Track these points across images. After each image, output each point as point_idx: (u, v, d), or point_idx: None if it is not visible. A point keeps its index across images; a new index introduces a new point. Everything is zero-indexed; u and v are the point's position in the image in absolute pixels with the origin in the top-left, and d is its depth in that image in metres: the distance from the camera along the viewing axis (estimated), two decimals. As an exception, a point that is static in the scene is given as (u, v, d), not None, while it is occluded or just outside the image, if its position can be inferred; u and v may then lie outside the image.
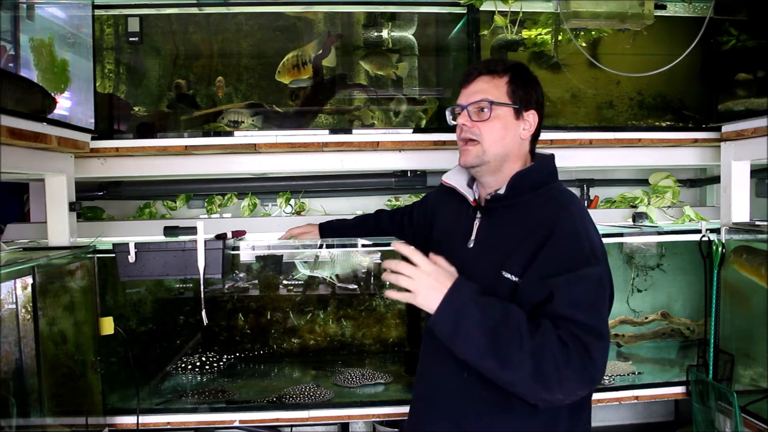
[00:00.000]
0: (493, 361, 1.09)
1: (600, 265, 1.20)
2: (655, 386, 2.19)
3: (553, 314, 1.13)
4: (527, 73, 1.37)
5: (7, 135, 1.47)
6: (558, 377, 1.07)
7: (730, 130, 2.14)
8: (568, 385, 1.09)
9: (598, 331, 1.12)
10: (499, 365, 1.09)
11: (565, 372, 1.07)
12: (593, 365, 1.09)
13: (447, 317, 1.11)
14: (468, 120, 1.34)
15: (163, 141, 2.12)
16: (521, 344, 1.08)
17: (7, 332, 1.59)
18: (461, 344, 1.11)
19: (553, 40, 2.34)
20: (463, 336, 1.10)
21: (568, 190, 1.35)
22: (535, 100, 1.36)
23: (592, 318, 1.13)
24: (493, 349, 1.08)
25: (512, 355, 1.07)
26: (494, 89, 1.33)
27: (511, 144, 1.34)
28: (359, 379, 2.23)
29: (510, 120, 1.33)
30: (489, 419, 1.27)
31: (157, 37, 2.38)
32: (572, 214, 1.25)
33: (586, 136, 2.21)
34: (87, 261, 1.90)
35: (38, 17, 1.82)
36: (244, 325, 2.55)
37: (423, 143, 2.17)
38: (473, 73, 1.36)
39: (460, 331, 1.10)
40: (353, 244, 2.06)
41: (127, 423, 1.96)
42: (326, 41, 2.39)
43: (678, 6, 2.31)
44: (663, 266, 2.62)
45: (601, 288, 1.19)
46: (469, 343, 1.10)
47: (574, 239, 1.21)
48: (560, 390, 1.09)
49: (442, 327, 1.12)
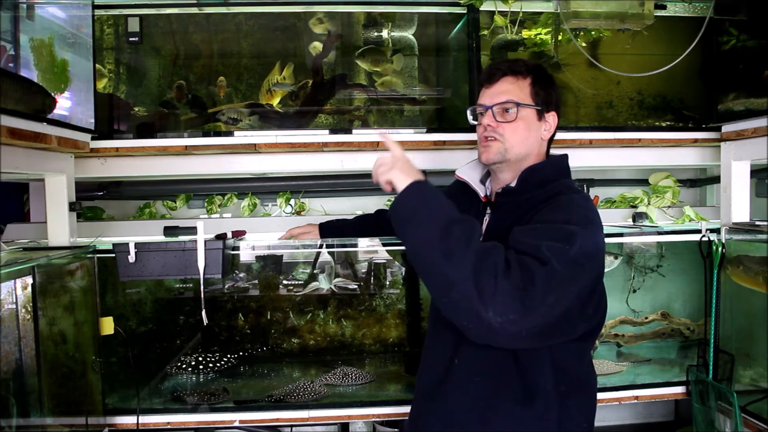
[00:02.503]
0: (438, 251, 1.08)
1: (584, 231, 1.15)
2: (655, 386, 2.19)
3: (514, 247, 1.13)
4: (547, 74, 1.39)
5: (7, 135, 1.47)
6: (494, 286, 1.04)
7: (730, 130, 2.13)
8: (502, 300, 1.03)
9: (548, 261, 1.08)
10: (443, 256, 1.07)
11: (503, 284, 1.04)
12: (533, 290, 1.05)
13: (409, 200, 1.18)
14: (493, 120, 1.34)
15: (163, 141, 2.11)
16: (468, 245, 1.08)
17: (7, 332, 1.59)
18: (414, 227, 1.13)
19: (553, 40, 2.34)
20: (418, 220, 1.13)
21: (577, 187, 1.36)
22: (555, 100, 1.38)
23: (548, 253, 1.08)
24: (441, 238, 1.09)
25: (457, 250, 1.07)
26: (519, 90, 1.34)
27: (533, 144, 1.36)
28: (342, 379, 2.24)
29: (533, 121, 1.35)
30: (489, 416, 1.28)
31: (157, 37, 2.38)
32: (571, 197, 1.26)
33: (586, 136, 2.21)
34: (87, 261, 1.89)
35: (38, 17, 1.81)
36: (244, 325, 2.55)
37: (423, 143, 2.17)
38: (497, 73, 1.36)
39: (418, 214, 1.14)
40: (353, 244, 2.06)
41: (127, 423, 1.96)
42: (326, 41, 2.39)
43: (678, 6, 2.31)
44: (662, 268, 2.62)
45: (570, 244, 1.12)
46: (420, 228, 1.12)
47: (566, 210, 1.21)
48: (492, 303, 1.03)
49: (402, 208, 1.18)
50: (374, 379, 2.27)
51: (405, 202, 1.19)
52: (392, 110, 2.50)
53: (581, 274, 1.14)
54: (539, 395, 1.25)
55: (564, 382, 1.28)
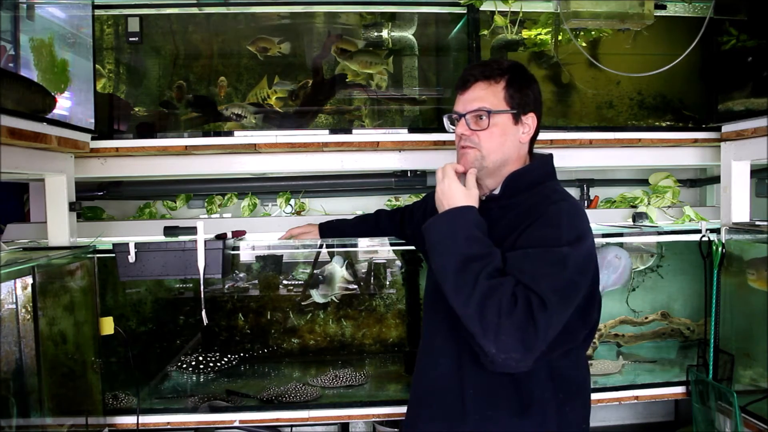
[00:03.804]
0: (451, 285, 1.15)
1: (575, 250, 1.18)
2: (655, 386, 2.19)
3: (517, 277, 1.14)
4: (524, 73, 1.35)
5: (7, 135, 1.47)
6: (497, 326, 1.08)
7: (730, 130, 2.13)
8: (504, 339, 1.08)
9: (548, 302, 1.10)
10: (453, 289, 1.14)
11: (506, 324, 1.08)
12: (534, 332, 1.08)
13: (437, 230, 1.23)
14: (466, 129, 1.32)
15: (163, 141, 2.11)
16: (476, 283, 1.11)
17: (7, 332, 1.59)
18: (437, 255, 1.21)
19: (553, 40, 2.34)
20: (440, 249, 1.20)
21: (563, 190, 1.34)
22: (533, 100, 1.34)
23: (548, 291, 1.11)
24: (456, 272, 1.15)
25: (466, 288, 1.12)
26: (491, 96, 1.31)
27: (511, 149, 1.33)
28: (332, 381, 2.23)
29: (509, 126, 1.32)
30: (487, 419, 1.27)
31: (157, 37, 2.38)
32: (560, 207, 1.25)
33: (586, 136, 2.21)
34: (87, 261, 1.90)
35: (38, 17, 1.81)
36: (244, 325, 2.55)
37: (423, 143, 2.17)
38: (470, 79, 1.33)
39: (442, 243, 1.20)
40: (353, 244, 2.06)
41: (127, 423, 1.96)
42: (326, 41, 2.39)
43: (678, 6, 2.31)
44: (662, 268, 2.62)
45: (567, 269, 1.16)
46: (442, 258, 1.19)
47: (555, 225, 1.21)
48: (496, 340, 1.08)
49: (429, 235, 1.23)
50: (367, 381, 2.26)
51: (434, 228, 1.24)
52: (392, 110, 2.50)
53: (578, 291, 1.19)
54: (537, 404, 1.25)
55: (562, 389, 1.28)
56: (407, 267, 2.55)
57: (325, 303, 2.51)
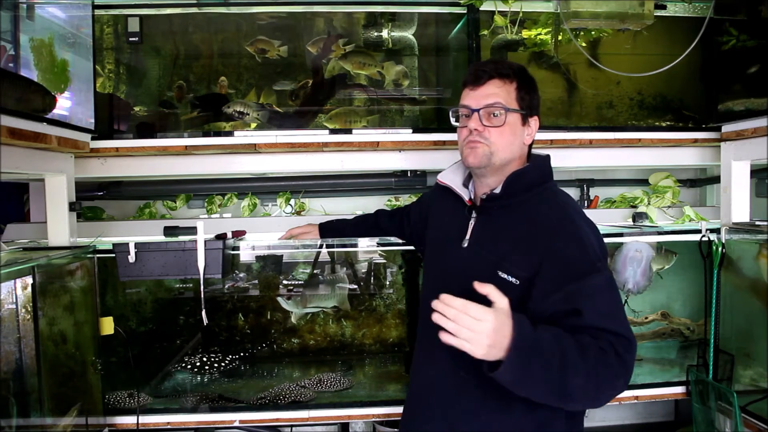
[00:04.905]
0: (555, 398, 1.13)
1: (607, 268, 1.23)
2: (655, 386, 2.19)
3: (588, 327, 1.15)
4: (530, 77, 1.38)
5: (7, 135, 1.47)
6: (613, 389, 1.14)
7: (730, 130, 2.13)
8: (611, 394, 1.15)
9: (628, 338, 1.16)
10: (561, 400, 1.13)
11: (616, 384, 1.14)
12: (626, 372, 1.14)
13: (509, 375, 1.08)
14: (479, 124, 1.31)
15: (163, 141, 2.11)
16: (576, 372, 1.09)
17: (7, 332, 1.59)
18: (524, 393, 1.12)
19: (553, 40, 2.34)
20: (526, 389, 1.12)
21: (562, 191, 1.36)
22: (537, 105, 1.38)
23: (621, 325, 1.17)
24: (554, 391, 1.11)
25: (574, 391, 1.11)
26: (506, 94, 1.31)
27: (516, 149, 1.34)
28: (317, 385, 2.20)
29: (518, 126, 1.33)
30: (485, 418, 1.27)
31: (157, 37, 2.38)
32: (571, 219, 1.25)
33: (586, 136, 2.21)
34: (87, 261, 1.90)
35: (38, 17, 1.81)
36: (244, 325, 2.55)
37: (423, 143, 2.17)
38: (483, 75, 1.32)
39: (523, 385, 1.11)
40: (353, 244, 2.06)
41: (127, 423, 1.96)
42: (326, 41, 2.39)
43: (678, 6, 2.31)
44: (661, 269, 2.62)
45: (615, 291, 1.22)
46: (531, 392, 1.12)
47: (579, 245, 1.21)
48: (605, 401, 1.16)
49: (503, 379, 1.09)
50: (351, 387, 2.22)
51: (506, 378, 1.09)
52: (392, 110, 2.50)
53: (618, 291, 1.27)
54: (539, 403, 1.24)
55: None
56: (407, 267, 2.55)
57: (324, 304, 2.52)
